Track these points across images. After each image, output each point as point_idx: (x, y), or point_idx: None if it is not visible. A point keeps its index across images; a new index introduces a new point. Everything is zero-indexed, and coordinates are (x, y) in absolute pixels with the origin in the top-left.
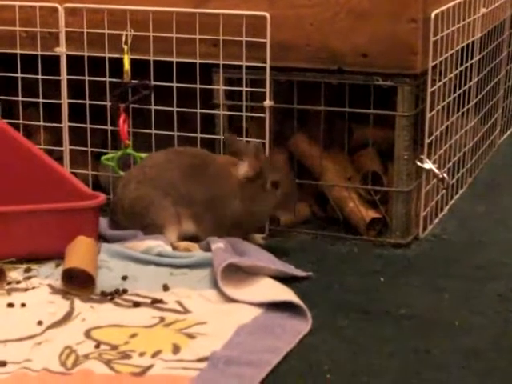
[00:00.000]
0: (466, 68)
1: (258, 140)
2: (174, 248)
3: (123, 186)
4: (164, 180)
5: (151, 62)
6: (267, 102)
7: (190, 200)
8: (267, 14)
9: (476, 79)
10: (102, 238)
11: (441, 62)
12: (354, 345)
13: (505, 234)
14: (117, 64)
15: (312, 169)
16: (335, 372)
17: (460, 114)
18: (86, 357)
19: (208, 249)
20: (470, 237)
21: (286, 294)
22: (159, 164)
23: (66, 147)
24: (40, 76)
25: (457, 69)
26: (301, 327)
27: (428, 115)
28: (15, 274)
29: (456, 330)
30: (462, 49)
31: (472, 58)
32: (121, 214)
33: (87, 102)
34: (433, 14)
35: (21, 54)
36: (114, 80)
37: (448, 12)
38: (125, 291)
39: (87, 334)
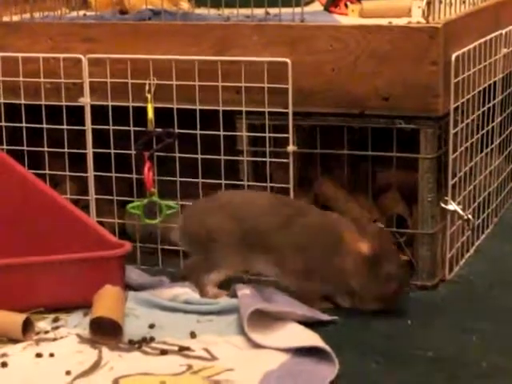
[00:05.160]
0: (489, 108)
1: (285, 185)
2: (203, 294)
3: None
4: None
5: (175, 110)
6: (290, 147)
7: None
8: (288, 60)
9: (499, 119)
10: (128, 287)
11: (463, 103)
12: None
13: None
14: (141, 113)
15: (337, 212)
16: None
17: (484, 154)
18: None
19: (235, 295)
20: (497, 278)
21: (312, 338)
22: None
23: (92, 196)
24: (65, 126)
25: (479, 109)
26: (328, 372)
27: (451, 157)
28: (43, 323)
29: (484, 372)
30: (485, 89)
31: (494, 98)
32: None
33: (112, 150)
34: (453, 56)
35: (46, 105)
36: (138, 129)
37: (469, 53)
38: (152, 339)
39: (115, 382)
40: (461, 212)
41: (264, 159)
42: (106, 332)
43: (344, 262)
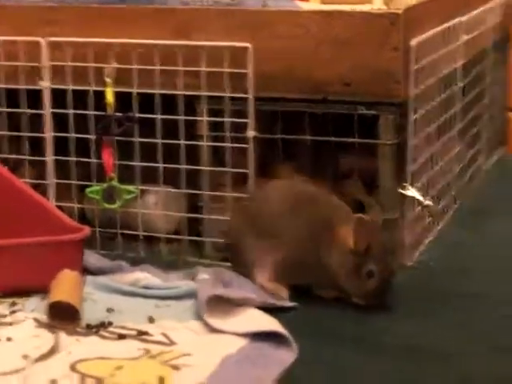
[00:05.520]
0: (449, 95)
1: (244, 170)
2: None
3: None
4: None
5: (134, 95)
6: (250, 133)
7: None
8: (249, 45)
9: (459, 105)
10: (87, 271)
11: (423, 89)
12: (340, 375)
13: (491, 261)
14: (102, 97)
15: None
16: None
17: (444, 140)
18: None
19: (194, 279)
20: (456, 264)
21: (271, 324)
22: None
23: (51, 180)
24: (24, 110)
25: (440, 96)
26: (286, 357)
27: (411, 143)
28: (0, 308)
29: (446, 358)
30: (445, 75)
31: (455, 85)
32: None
33: (72, 135)
34: (414, 42)
35: (5, 89)
36: (98, 113)
37: (429, 40)
38: (110, 324)
39: (72, 367)
40: (420, 198)
41: (224, 144)
42: (63, 316)
43: (331, 256)
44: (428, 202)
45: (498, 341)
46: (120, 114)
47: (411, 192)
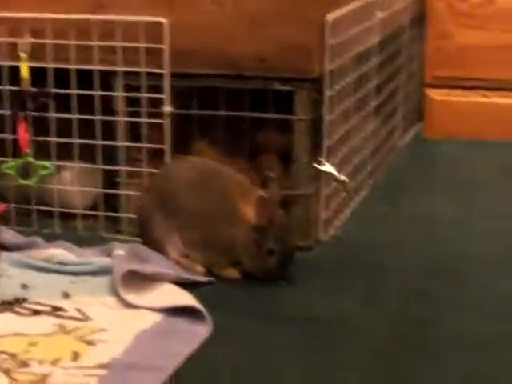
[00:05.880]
0: (365, 71)
1: (161, 146)
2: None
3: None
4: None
5: (50, 70)
6: (166, 108)
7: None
8: (164, 20)
9: (375, 82)
10: (1, 247)
11: (339, 65)
12: (255, 349)
13: (405, 236)
14: (18, 72)
15: None
16: (235, 376)
17: (360, 117)
18: None
19: (109, 255)
20: (371, 238)
21: (186, 298)
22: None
23: None
24: None
25: (355, 72)
26: (201, 332)
27: (326, 119)
28: None
29: (356, 330)
30: (361, 52)
31: (371, 62)
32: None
33: None
34: (330, 19)
35: None
36: (13, 88)
37: (345, 16)
38: (25, 300)
39: None
40: (335, 173)
41: (140, 120)
42: None
43: (234, 233)
44: (343, 178)
45: (407, 312)
46: (35, 90)
47: (327, 167)
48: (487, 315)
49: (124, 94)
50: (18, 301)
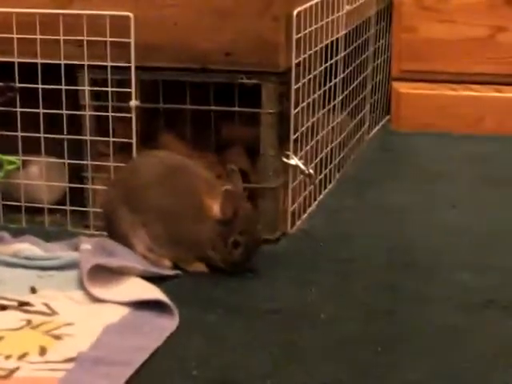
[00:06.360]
0: (331, 65)
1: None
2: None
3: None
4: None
5: (16, 64)
6: (133, 102)
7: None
8: (131, 14)
9: (342, 76)
10: None
11: (305, 59)
12: (221, 341)
13: (372, 229)
14: None
15: None
16: (202, 368)
17: (326, 110)
18: None
19: (76, 249)
20: (338, 232)
21: (153, 292)
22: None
23: None
24: None
25: (322, 66)
26: (168, 325)
27: (293, 112)
28: None
29: (322, 323)
30: (327, 46)
31: (337, 55)
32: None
33: None
34: (295, 12)
35: None
36: None
37: (311, 9)
38: None
39: None
40: (302, 166)
41: (106, 114)
42: None
43: (199, 227)
44: (310, 171)
45: (373, 304)
46: (1, 84)
47: (294, 161)
48: (453, 307)
49: (90, 88)
50: None
